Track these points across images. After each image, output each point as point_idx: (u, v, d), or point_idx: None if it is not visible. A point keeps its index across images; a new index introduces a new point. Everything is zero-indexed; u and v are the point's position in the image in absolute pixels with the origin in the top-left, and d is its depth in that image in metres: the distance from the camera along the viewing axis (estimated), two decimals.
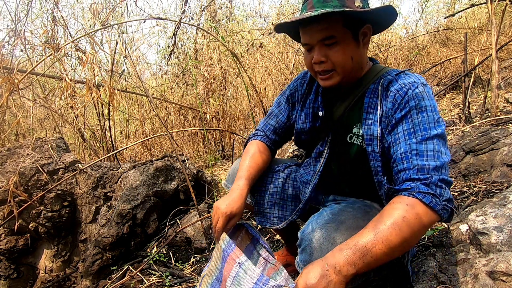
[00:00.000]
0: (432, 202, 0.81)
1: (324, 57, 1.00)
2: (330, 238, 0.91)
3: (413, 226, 0.79)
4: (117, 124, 3.98)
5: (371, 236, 0.79)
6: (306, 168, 1.28)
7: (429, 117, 0.91)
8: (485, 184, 1.83)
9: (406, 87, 0.96)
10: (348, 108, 1.10)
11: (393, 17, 1.04)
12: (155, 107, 3.15)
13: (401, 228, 0.78)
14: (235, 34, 4.34)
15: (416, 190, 0.82)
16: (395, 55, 4.67)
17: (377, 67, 1.09)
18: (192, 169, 2.41)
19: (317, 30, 0.98)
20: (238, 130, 4.43)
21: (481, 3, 3.31)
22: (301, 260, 0.96)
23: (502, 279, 0.97)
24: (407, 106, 0.93)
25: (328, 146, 1.16)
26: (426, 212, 0.81)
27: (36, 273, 2.36)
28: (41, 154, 2.38)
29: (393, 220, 0.80)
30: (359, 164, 1.08)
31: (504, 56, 4.30)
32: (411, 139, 0.90)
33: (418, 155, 0.87)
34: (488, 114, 2.63)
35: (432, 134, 0.89)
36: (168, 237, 1.94)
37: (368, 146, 1.03)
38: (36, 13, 2.94)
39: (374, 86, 1.05)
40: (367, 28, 1.03)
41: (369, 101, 1.04)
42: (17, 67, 2.31)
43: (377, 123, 1.00)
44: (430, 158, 0.86)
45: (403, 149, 0.90)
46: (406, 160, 0.89)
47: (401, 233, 0.78)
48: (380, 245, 0.78)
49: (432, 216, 0.81)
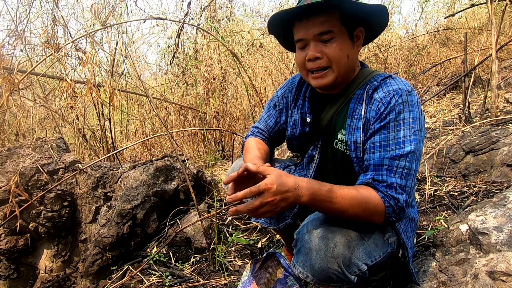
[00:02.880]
0: (388, 215, 0.91)
1: (320, 53, 0.99)
2: (325, 238, 0.92)
3: (366, 218, 0.91)
4: (117, 124, 3.98)
5: (340, 198, 0.88)
6: (300, 172, 1.29)
7: (405, 131, 0.94)
8: (485, 184, 1.83)
9: (390, 95, 0.96)
10: (336, 113, 1.10)
11: (385, 20, 1.05)
12: (155, 107, 3.15)
13: (364, 211, 0.89)
14: (235, 34, 4.34)
15: (388, 199, 0.91)
16: (395, 55, 4.67)
17: (365, 71, 1.09)
18: (192, 169, 2.41)
19: (314, 24, 0.96)
20: (238, 130, 4.43)
21: (481, 3, 3.31)
22: (297, 261, 0.96)
23: (502, 279, 0.97)
24: (387, 117, 0.95)
25: (319, 151, 1.17)
26: (379, 215, 0.91)
27: (36, 273, 2.36)
28: (41, 154, 2.38)
29: (365, 199, 0.89)
30: (347, 169, 1.09)
31: (504, 56, 4.30)
32: (385, 153, 0.94)
33: (389, 170, 0.92)
34: (488, 114, 2.63)
35: (406, 151, 0.92)
36: (168, 237, 1.94)
37: (352, 153, 1.04)
38: (36, 13, 2.94)
39: (360, 92, 1.05)
40: (360, 31, 1.03)
41: (354, 107, 1.05)
42: (17, 67, 2.31)
43: (360, 130, 1.01)
44: (398, 175, 0.92)
45: (376, 160, 0.95)
46: (377, 172, 0.94)
47: (358, 214, 0.89)
48: (339, 206, 0.87)
49: (379, 219, 0.92)
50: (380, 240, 0.99)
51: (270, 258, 1.13)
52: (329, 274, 0.89)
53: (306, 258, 0.92)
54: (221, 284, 1.54)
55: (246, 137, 1.37)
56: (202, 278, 1.62)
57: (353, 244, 0.91)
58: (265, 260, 1.12)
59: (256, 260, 1.07)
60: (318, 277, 0.91)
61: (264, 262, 1.12)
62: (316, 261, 0.90)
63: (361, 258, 0.92)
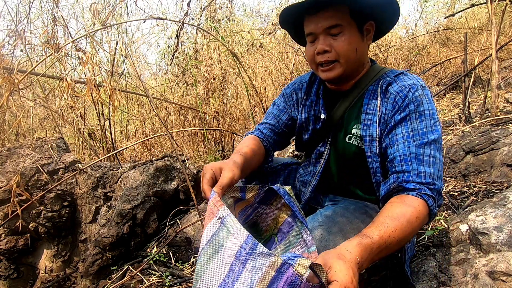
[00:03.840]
0: (432, 206, 0.86)
1: (329, 46, 0.99)
2: (325, 240, 0.91)
3: (417, 225, 0.83)
4: (117, 124, 3.98)
5: (386, 231, 0.77)
6: (306, 169, 1.27)
7: (427, 122, 0.93)
8: (485, 184, 1.83)
9: (406, 89, 0.96)
10: (348, 108, 1.10)
11: (396, 14, 1.04)
12: (155, 107, 3.15)
13: (412, 225, 0.81)
14: (235, 34, 4.34)
15: (423, 192, 0.86)
16: (395, 55, 4.67)
17: (375, 67, 1.09)
18: (192, 169, 2.41)
19: (324, 17, 0.97)
20: (238, 130, 4.42)
21: (481, 3, 3.31)
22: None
23: (502, 279, 0.97)
24: (407, 109, 0.94)
25: (329, 147, 1.16)
26: (426, 214, 0.85)
27: (36, 273, 2.36)
28: (41, 154, 2.38)
29: (407, 218, 0.81)
30: (358, 165, 1.08)
31: (504, 56, 4.30)
32: (410, 143, 0.92)
33: (417, 159, 0.90)
34: (488, 114, 2.63)
35: (430, 140, 0.91)
36: (168, 237, 1.94)
37: (366, 147, 1.03)
38: (36, 13, 2.95)
39: (373, 88, 1.05)
40: (370, 25, 1.03)
41: (368, 102, 1.04)
42: (17, 67, 2.31)
43: (376, 124, 1.01)
44: (426, 163, 0.90)
45: (402, 151, 0.92)
46: (405, 163, 0.91)
47: (411, 230, 0.81)
48: (394, 240, 0.77)
49: (427, 218, 0.86)
50: None
51: (275, 195, 0.99)
52: None
53: None
54: None
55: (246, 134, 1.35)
56: None
57: None
58: (269, 196, 0.99)
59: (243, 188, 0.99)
60: None
61: (267, 197, 1.00)
62: None
63: None
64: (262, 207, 1.04)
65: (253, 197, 1.00)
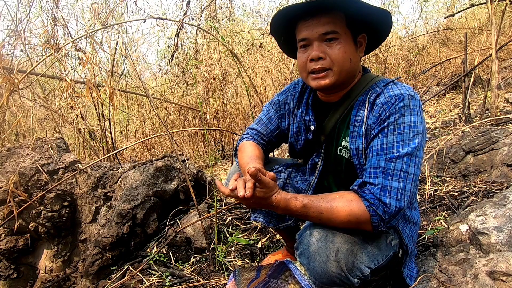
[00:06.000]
0: (376, 224, 0.89)
1: (323, 53, 0.97)
2: (327, 241, 0.91)
3: (348, 225, 0.90)
4: (117, 124, 3.98)
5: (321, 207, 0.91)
6: (303, 176, 1.28)
7: (404, 135, 0.92)
8: (485, 184, 1.83)
9: (391, 101, 0.94)
10: (339, 120, 1.09)
11: (388, 25, 1.04)
12: (155, 107, 3.15)
13: (348, 222, 0.89)
14: (235, 34, 4.34)
15: (375, 208, 0.88)
16: (395, 55, 4.67)
17: (367, 76, 1.07)
18: (192, 169, 2.41)
19: (320, 23, 0.95)
20: (238, 130, 4.42)
21: (481, 3, 3.31)
22: (299, 263, 0.96)
23: (502, 279, 0.97)
24: (387, 121, 0.94)
25: (322, 158, 1.16)
26: (367, 227, 0.90)
27: (36, 273, 2.36)
28: (41, 154, 2.38)
29: (346, 212, 0.89)
30: (351, 176, 1.08)
31: (504, 56, 4.30)
32: (381, 156, 0.92)
33: (385, 173, 0.90)
34: (488, 114, 2.63)
35: (402, 153, 0.90)
36: (168, 237, 1.94)
37: (355, 160, 1.03)
38: (36, 13, 2.94)
39: (362, 98, 1.04)
40: (363, 37, 1.03)
41: (356, 113, 1.03)
42: (17, 67, 2.31)
43: (362, 137, 1.00)
44: (396, 178, 0.90)
45: (372, 164, 0.93)
46: (373, 175, 0.92)
47: (344, 225, 0.91)
48: (319, 215, 0.91)
49: (366, 229, 0.91)
50: (383, 243, 0.98)
51: (285, 270, 1.07)
52: (331, 278, 0.89)
53: (309, 261, 0.92)
54: (221, 284, 1.54)
55: (241, 139, 1.34)
56: (202, 278, 1.62)
57: (356, 248, 0.91)
58: (280, 270, 1.08)
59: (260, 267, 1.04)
60: (320, 280, 0.91)
61: (278, 272, 1.09)
62: (318, 265, 0.89)
63: (364, 262, 0.92)
64: (273, 282, 1.09)
65: (265, 274, 1.08)
